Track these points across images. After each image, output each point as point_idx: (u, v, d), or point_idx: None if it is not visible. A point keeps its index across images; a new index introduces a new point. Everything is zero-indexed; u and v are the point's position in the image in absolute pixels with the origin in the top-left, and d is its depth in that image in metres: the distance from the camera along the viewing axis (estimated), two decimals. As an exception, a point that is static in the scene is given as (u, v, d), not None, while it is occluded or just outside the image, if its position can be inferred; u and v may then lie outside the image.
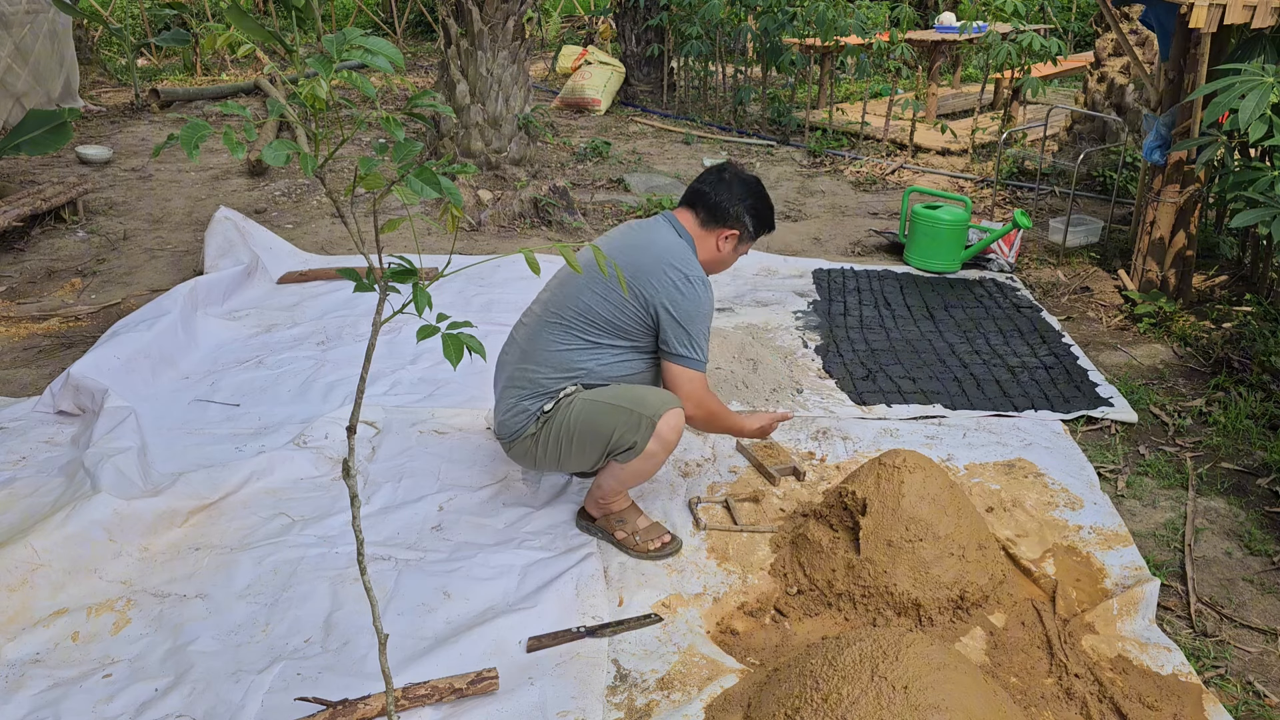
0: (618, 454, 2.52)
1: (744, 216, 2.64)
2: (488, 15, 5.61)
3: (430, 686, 2.10)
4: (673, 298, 2.50)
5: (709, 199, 2.62)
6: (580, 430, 2.51)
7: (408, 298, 1.45)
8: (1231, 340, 3.98)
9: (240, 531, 2.73)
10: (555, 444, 2.56)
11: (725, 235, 2.64)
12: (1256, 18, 3.72)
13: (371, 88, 1.40)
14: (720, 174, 2.66)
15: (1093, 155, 6.18)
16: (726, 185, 2.63)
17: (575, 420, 2.52)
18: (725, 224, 2.63)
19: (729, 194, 2.62)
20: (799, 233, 5.64)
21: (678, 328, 2.51)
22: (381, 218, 5.35)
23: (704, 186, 2.64)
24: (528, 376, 2.58)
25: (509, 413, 2.61)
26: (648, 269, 2.51)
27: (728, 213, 2.62)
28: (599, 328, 2.55)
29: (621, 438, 2.47)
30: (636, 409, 2.46)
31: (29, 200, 5.13)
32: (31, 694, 2.14)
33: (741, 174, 2.67)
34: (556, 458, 2.60)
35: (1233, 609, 2.54)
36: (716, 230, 2.63)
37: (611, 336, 2.56)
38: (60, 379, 3.37)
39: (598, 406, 2.50)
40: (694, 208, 2.65)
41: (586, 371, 2.57)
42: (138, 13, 10.36)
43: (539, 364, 2.57)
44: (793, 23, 7.43)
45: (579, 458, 2.59)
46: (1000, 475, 3.08)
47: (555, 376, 2.56)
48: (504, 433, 2.65)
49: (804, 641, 2.38)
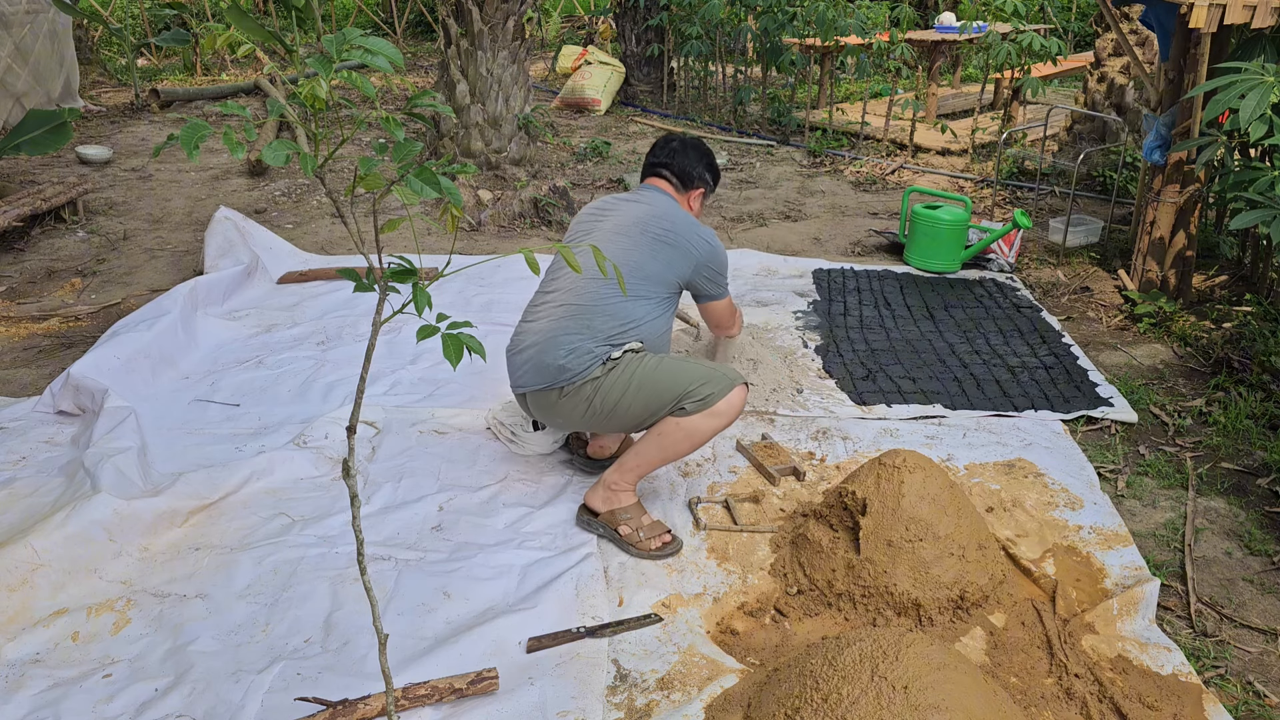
0: (687, 404, 2.56)
1: (705, 175, 3.02)
2: (488, 15, 5.61)
3: (430, 686, 2.10)
4: (710, 256, 2.86)
5: (674, 167, 2.97)
6: (655, 380, 2.60)
7: (408, 298, 1.45)
8: (1231, 340, 3.98)
9: (240, 531, 2.73)
10: (621, 390, 2.61)
11: (695, 195, 3.02)
12: (1256, 18, 3.72)
13: (371, 88, 1.40)
14: (669, 144, 3.01)
15: (1093, 155, 6.18)
16: (683, 152, 2.99)
17: (650, 370, 2.61)
18: (693, 186, 3.01)
19: (687, 159, 2.98)
20: (799, 233, 5.64)
21: (717, 276, 2.91)
22: (381, 218, 5.35)
23: (664, 158, 2.99)
24: (586, 324, 2.67)
25: (570, 354, 2.64)
26: (685, 235, 2.81)
27: (693, 175, 2.99)
28: (650, 280, 2.75)
29: (699, 388, 2.57)
30: (718, 369, 2.65)
31: (29, 200, 5.13)
32: (31, 694, 2.14)
33: (688, 139, 3.04)
34: (619, 406, 2.62)
35: (1233, 609, 2.54)
36: (688, 193, 3.00)
37: (656, 286, 2.77)
38: (60, 379, 3.37)
39: (676, 363, 2.65)
40: (663, 178, 2.99)
41: (641, 320, 2.72)
42: (138, 13, 10.36)
43: (595, 315, 2.67)
44: (793, 23, 7.42)
45: (642, 408, 2.62)
46: (1000, 475, 3.08)
47: (615, 325, 2.67)
48: (562, 376, 2.64)
49: (804, 641, 2.38)
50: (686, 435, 2.61)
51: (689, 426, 2.59)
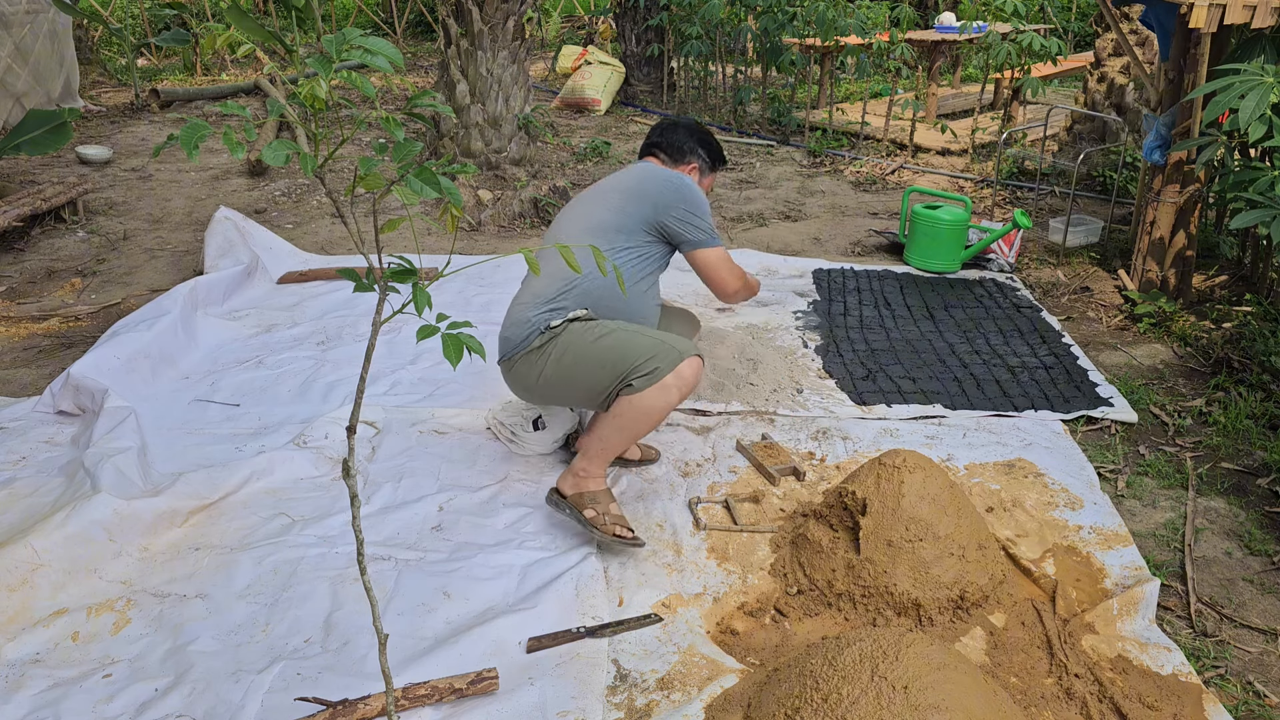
0: (635, 379, 2.51)
1: (698, 150, 3.03)
2: (488, 15, 5.61)
3: (430, 686, 2.10)
4: (681, 196, 2.78)
5: (665, 143, 3.02)
6: (600, 351, 2.55)
7: (408, 298, 1.45)
8: (1231, 340, 3.98)
9: (240, 531, 2.73)
10: (565, 363, 2.57)
11: (688, 170, 3.02)
12: (1256, 18, 3.72)
13: (371, 88, 1.40)
14: (661, 124, 3.09)
15: (1093, 155, 6.18)
16: (674, 130, 3.04)
17: (594, 340, 2.56)
18: (684, 160, 3.02)
19: (678, 136, 3.03)
20: (799, 233, 5.64)
21: (694, 219, 2.80)
22: (381, 218, 5.35)
23: (656, 136, 3.06)
24: (533, 291, 2.67)
25: (512, 325, 2.67)
26: (646, 180, 2.80)
27: (684, 150, 3.02)
28: (602, 230, 2.72)
29: (644, 363, 2.51)
30: (666, 340, 2.58)
31: (29, 200, 5.13)
32: (31, 694, 2.14)
33: (682, 119, 3.09)
34: (564, 380, 2.60)
35: (1233, 609, 2.54)
36: (679, 168, 3.01)
37: (613, 235, 2.72)
38: (60, 379, 3.37)
39: (619, 333, 2.59)
40: (655, 155, 3.03)
41: (578, 279, 2.65)
42: (138, 13, 10.36)
43: (542, 278, 2.65)
44: (793, 23, 7.42)
45: (588, 383, 2.58)
46: (1000, 475, 3.08)
47: (555, 286, 2.64)
48: (505, 349, 2.67)
49: (804, 641, 2.38)
50: (642, 413, 2.56)
51: (641, 404, 2.54)
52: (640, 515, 2.84)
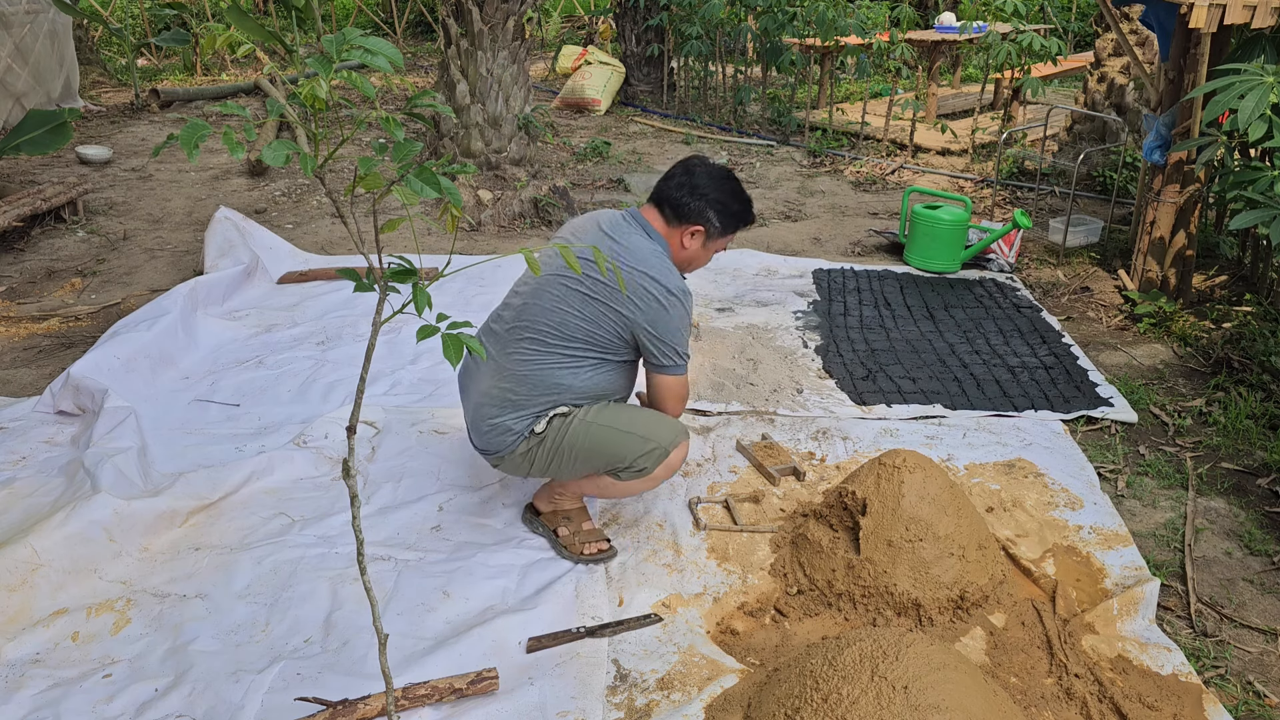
0: (622, 473, 2.54)
1: (707, 212, 2.51)
2: (488, 15, 5.61)
3: (430, 686, 2.10)
4: (653, 319, 2.42)
5: (672, 196, 2.52)
6: (587, 450, 2.50)
7: (408, 298, 1.45)
8: (1231, 340, 3.98)
9: (240, 531, 2.73)
10: (553, 459, 2.54)
11: (690, 232, 2.53)
12: (1256, 18, 3.72)
13: (371, 88, 1.40)
14: (687, 167, 2.56)
15: (1093, 155, 6.18)
16: (690, 180, 2.52)
17: (580, 440, 2.49)
18: (688, 221, 2.52)
19: (691, 190, 2.51)
20: (799, 233, 5.63)
21: (661, 344, 2.46)
22: (381, 218, 5.35)
23: (668, 184, 2.55)
24: (506, 397, 2.49)
25: (492, 431, 2.53)
26: (632, 295, 2.41)
27: (689, 209, 2.51)
28: (574, 341, 2.46)
29: (634, 462, 2.51)
30: (651, 437, 2.50)
31: (29, 200, 5.13)
32: (31, 694, 2.14)
33: (710, 168, 2.57)
34: (554, 469, 2.59)
35: (1233, 609, 2.54)
36: (681, 227, 2.53)
37: (586, 349, 2.48)
38: (60, 379, 3.37)
39: (607, 432, 2.49)
40: (659, 205, 2.55)
41: (567, 388, 2.49)
42: (138, 13, 10.36)
43: (516, 382, 2.48)
44: (793, 23, 7.42)
45: (577, 471, 2.59)
46: (1000, 475, 3.08)
47: (537, 397, 2.49)
48: (489, 448, 2.58)
49: (804, 641, 2.38)
50: (626, 490, 2.66)
51: (629, 486, 2.63)
52: (640, 515, 2.84)
